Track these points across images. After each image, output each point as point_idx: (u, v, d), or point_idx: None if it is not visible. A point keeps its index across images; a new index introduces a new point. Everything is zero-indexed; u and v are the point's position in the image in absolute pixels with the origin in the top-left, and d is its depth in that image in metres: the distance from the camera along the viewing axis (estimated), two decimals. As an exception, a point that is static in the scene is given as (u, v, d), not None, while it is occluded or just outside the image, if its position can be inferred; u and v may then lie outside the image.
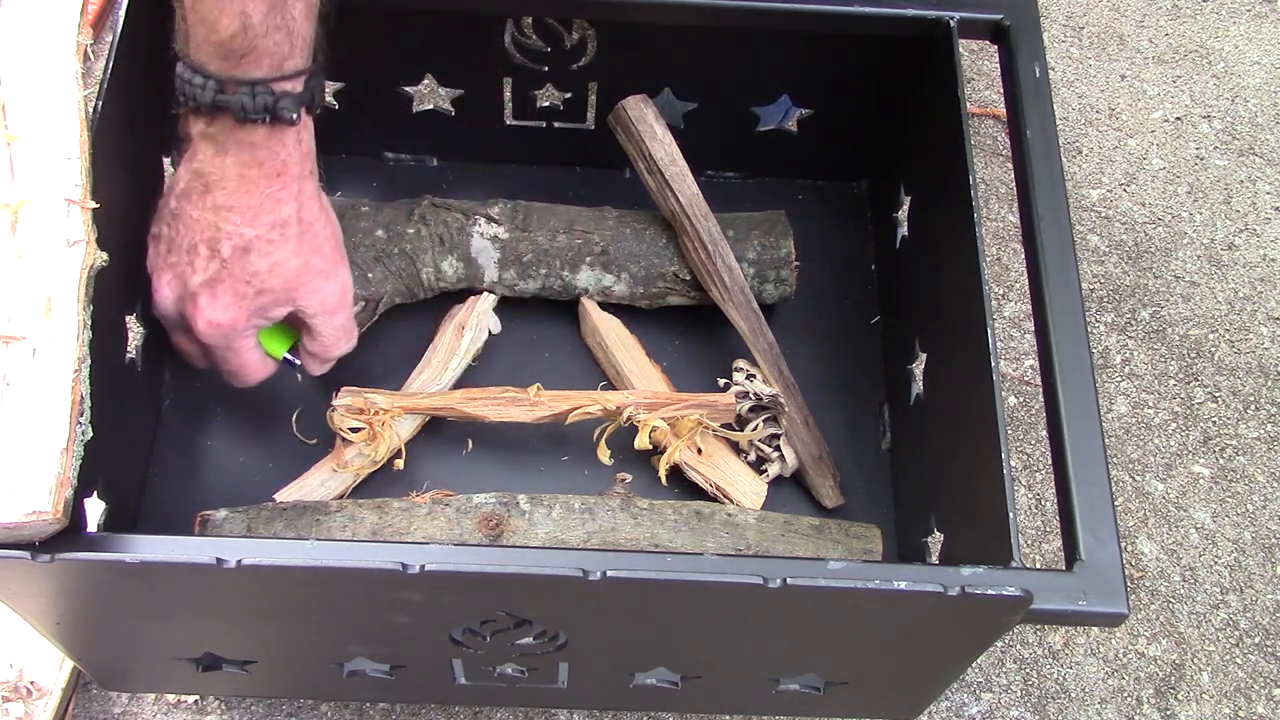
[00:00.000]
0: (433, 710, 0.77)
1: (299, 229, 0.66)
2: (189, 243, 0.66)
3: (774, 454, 0.81)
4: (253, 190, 0.64)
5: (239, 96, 0.60)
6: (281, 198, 0.65)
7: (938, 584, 0.55)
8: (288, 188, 0.65)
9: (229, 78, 0.60)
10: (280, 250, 0.66)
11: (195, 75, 0.61)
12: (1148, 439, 0.91)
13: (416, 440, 0.81)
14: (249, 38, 0.59)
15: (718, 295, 0.83)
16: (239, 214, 0.64)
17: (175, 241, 0.67)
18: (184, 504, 0.77)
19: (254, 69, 0.61)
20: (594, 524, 0.74)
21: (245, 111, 0.61)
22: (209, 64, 0.61)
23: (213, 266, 0.66)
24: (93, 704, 0.76)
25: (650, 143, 0.82)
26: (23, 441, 0.54)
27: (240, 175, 0.63)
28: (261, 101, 0.61)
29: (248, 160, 0.63)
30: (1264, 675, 0.82)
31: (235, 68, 0.60)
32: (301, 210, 0.66)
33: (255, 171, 0.63)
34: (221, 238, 0.65)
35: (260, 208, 0.64)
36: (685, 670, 0.68)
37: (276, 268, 0.66)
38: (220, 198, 0.64)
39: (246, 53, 0.60)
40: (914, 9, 0.78)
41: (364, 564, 0.54)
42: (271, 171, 0.64)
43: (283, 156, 0.64)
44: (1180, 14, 1.15)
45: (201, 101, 0.61)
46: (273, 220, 0.65)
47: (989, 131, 1.06)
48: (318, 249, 0.68)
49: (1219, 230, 1.01)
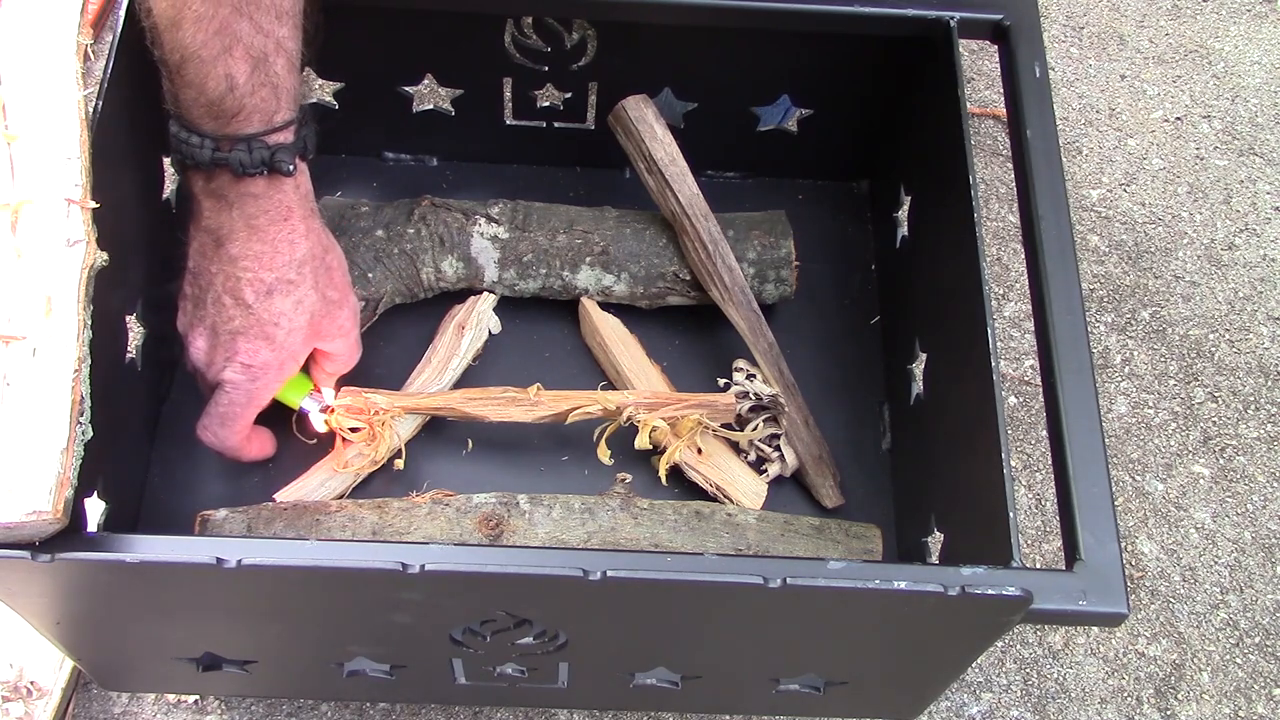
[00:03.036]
0: (433, 710, 0.77)
1: (313, 265, 0.68)
2: (213, 296, 0.68)
3: (774, 454, 0.81)
4: (263, 237, 0.66)
5: (236, 153, 0.62)
6: (293, 239, 0.67)
7: (938, 584, 0.55)
8: (296, 229, 0.67)
9: (223, 135, 0.62)
10: (300, 289, 0.68)
11: (191, 135, 0.63)
12: (1148, 439, 0.91)
13: (416, 440, 0.81)
14: (237, 98, 0.62)
15: (718, 295, 0.83)
16: (255, 260, 0.66)
17: (200, 298, 0.69)
18: (184, 504, 0.77)
19: (245, 126, 0.63)
20: (594, 524, 0.74)
21: (244, 167, 0.63)
22: (202, 123, 0.62)
23: (238, 314, 0.68)
24: (93, 704, 0.76)
25: (650, 143, 0.82)
26: (23, 441, 0.54)
27: (248, 225, 0.65)
28: (258, 156, 0.63)
29: (252, 211, 0.65)
30: (1264, 675, 0.82)
31: (227, 126, 0.62)
32: (313, 247, 0.68)
33: (262, 219, 0.65)
34: (243, 286, 0.67)
35: (275, 252, 0.66)
36: (685, 670, 0.68)
37: (300, 305, 0.68)
38: (234, 249, 0.66)
39: (236, 112, 0.62)
40: (914, 9, 0.78)
41: (364, 564, 0.54)
42: (278, 217, 0.66)
43: (286, 203, 0.66)
44: (1180, 14, 1.15)
45: (200, 160, 0.63)
46: (288, 260, 0.67)
47: (989, 131, 1.06)
48: (332, 281, 0.71)
49: (1219, 230, 1.01)
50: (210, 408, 0.72)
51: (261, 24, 0.61)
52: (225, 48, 0.60)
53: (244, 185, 0.64)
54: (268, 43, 0.61)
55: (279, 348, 0.69)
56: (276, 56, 0.62)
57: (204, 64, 0.60)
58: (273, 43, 0.62)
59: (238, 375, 0.69)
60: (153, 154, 0.79)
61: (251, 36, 0.60)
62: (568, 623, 0.61)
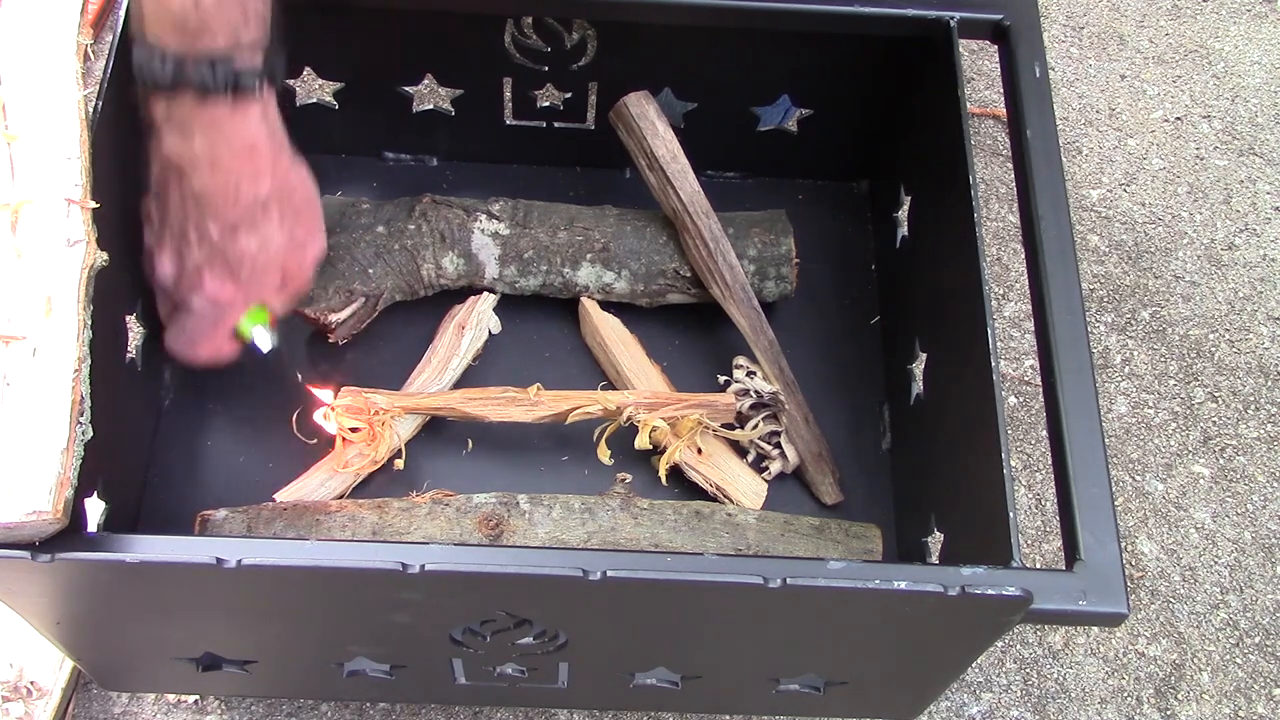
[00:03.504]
0: (433, 710, 0.77)
1: (280, 205, 0.66)
2: (179, 226, 0.66)
3: (774, 451, 0.81)
4: (227, 173, 0.63)
5: (199, 71, 0.59)
6: (257, 176, 0.64)
7: (938, 584, 0.55)
8: (260, 165, 0.64)
9: (187, 53, 0.59)
10: (265, 227, 0.66)
11: (153, 55, 0.59)
12: (1148, 439, 0.91)
13: (416, 440, 0.81)
14: (202, 11, 0.58)
15: (719, 293, 0.83)
16: (218, 197, 0.64)
17: (165, 223, 0.67)
18: (184, 504, 0.77)
19: (210, 43, 0.59)
20: (594, 524, 0.74)
21: (206, 87, 0.59)
22: (165, 40, 0.59)
23: (204, 250, 0.66)
24: (93, 704, 0.76)
25: (651, 140, 0.82)
26: (23, 441, 0.54)
27: (211, 159, 0.62)
28: (222, 76, 0.59)
29: (215, 141, 0.62)
30: (1264, 675, 0.82)
31: (193, 43, 0.59)
32: (280, 185, 0.66)
33: (225, 152, 0.62)
34: (207, 223, 0.65)
35: (239, 189, 0.64)
36: (685, 670, 0.68)
37: (266, 245, 0.67)
38: (196, 183, 0.63)
39: (201, 28, 0.59)
40: (914, 9, 0.78)
41: (364, 564, 0.54)
42: (241, 150, 0.63)
43: (250, 133, 0.63)
44: (1180, 14, 1.15)
45: (161, 80, 0.60)
46: (253, 198, 0.65)
47: (989, 131, 1.06)
48: (299, 219, 0.69)
49: (1219, 230, 1.01)
50: (177, 326, 0.71)
51: None
52: None
53: (207, 112, 0.60)
54: None
55: (242, 284, 0.68)
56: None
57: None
58: None
59: (201, 305, 0.68)
60: (153, 154, 0.79)
61: None
62: (568, 623, 0.61)
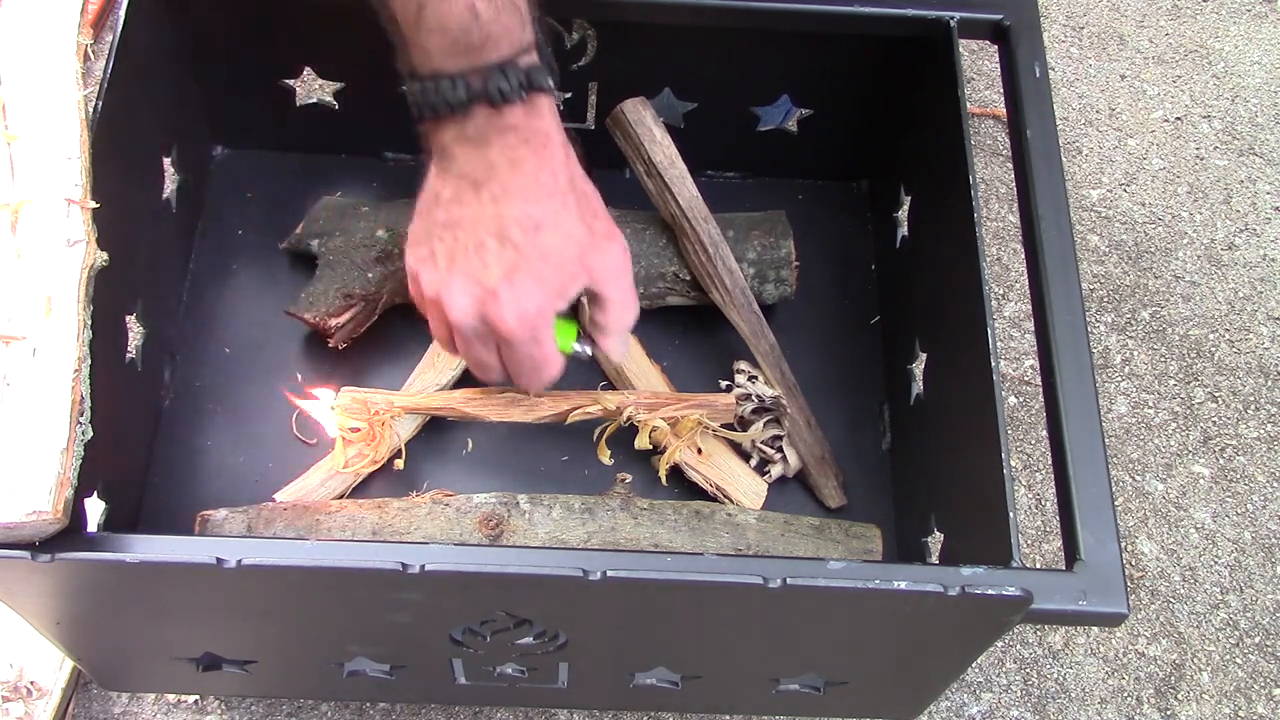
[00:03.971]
0: (433, 710, 0.77)
1: (576, 196, 0.64)
2: (474, 242, 0.63)
3: (777, 455, 0.81)
4: (525, 170, 0.62)
5: (493, 82, 0.59)
6: (554, 169, 0.63)
7: (938, 584, 0.55)
8: (556, 158, 0.63)
9: (474, 69, 0.59)
10: (566, 221, 0.64)
11: (440, 80, 0.59)
12: (1148, 439, 0.91)
13: (416, 440, 0.81)
14: (482, 25, 0.58)
15: (719, 298, 0.83)
16: (520, 196, 0.62)
17: (455, 248, 0.64)
18: (184, 504, 0.77)
19: (494, 53, 0.59)
20: (594, 524, 0.74)
21: (503, 94, 0.59)
22: (447, 65, 0.59)
23: (506, 255, 0.63)
24: (93, 704, 0.76)
25: (649, 145, 0.82)
26: (23, 441, 0.54)
27: (510, 161, 0.61)
28: (515, 80, 0.59)
29: (513, 144, 0.61)
30: (1264, 675, 0.82)
31: (477, 58, 0.59)
32: (573, 177, 0.64)
33: (524, 151, 0.61)
34: (509, 224, 0.62)
35: (539, 184, 0.62)
36: (685, 670, 0.68)
37: (568, 240, 0.64)
38: (495, 188, 0.62)
39: (484, 41, 0.58)
40: (914, 9, 0.78)
41: (364, 564, 0.54)
42: (539, 145, 0.62)
43: (544, 129, 0.62)
44: (1180, 14, 1.15)
45: (455, 101, 0.59)
46: (552, 191, 0.63)
47: (989, 131, 1.06)
48: (595, 213, 0.66)
49: (1219, 230, 1.01)
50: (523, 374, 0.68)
51: None
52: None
53: (502, 118, 0.60)
54: None
55: (548, 288, 0.64)
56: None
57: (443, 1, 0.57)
58: None
59: (513, 326, 0.64)
60: (153, 154, 0.79)
61: None
62: (568, 623, 0.61)
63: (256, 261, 0.88)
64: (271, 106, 0.88)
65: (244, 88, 0.87)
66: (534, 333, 0.65)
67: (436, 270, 0.65)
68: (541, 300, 0.64)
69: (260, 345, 0.84)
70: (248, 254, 0.88)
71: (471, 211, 0.62)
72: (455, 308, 0.64)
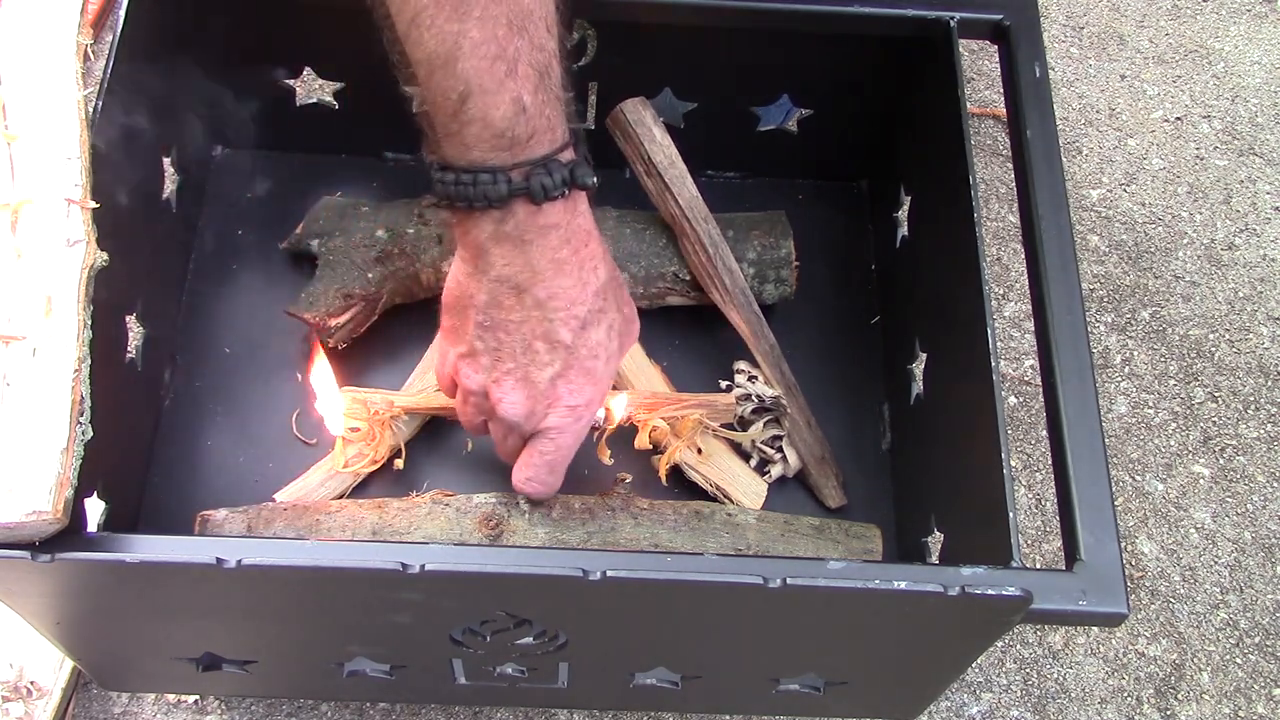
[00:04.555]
0: (433, 710, 0.77)
1: (613, 287, 0.64)
2: (521, 345, 0.62)
3: (777, 455, 0.81)
4: (570, 271, 0.60)
5: (536, 179, 0.56)
6: (596, 265, 0.62)
7: (938, 584, 0.55)
8: (596, 253, 0.62)
9: (514, 165, 0.56)
10: (609, 314, 0.64)
11: (479, 174, 0.56)
12: (1148, 439, 0.91)
13: (416, 440, 0.81)
14: (528, 120, 0.55)
15: (719, 298, 0.83)
16: (566, 299, 0.61)
17: (501, 350, 0.63)
18: (184, 504, 0.77)
19: (536, 149, 0.56)
20: (594, 524, 0.74)
21: (546, 191, 0.57)
22: (488, 159, 0.56)
23: (558, 357, 0.63)
24: (93, 704, 0.76)
25: (649, 146, 0.82)
26: (23, 441, 0.54)
27: (553, 262, 0.60)
28: (559, 176, 0.57)
29: (554, 245, 0.59)
30: (1264, 675, 0.82)
31: (520, 153, 0.56)
32: (611, 267, 0.64)
33: (566, 252, 0.60)
34: (557, 328, 0.62)
35: (583, 285, 0.61)
36: (685, 670, 0.68)
37: (611, 330, 0.64)
38: (540, 292, 0.60)
39: (529, 136, 0.56)
40: (914, 9, 0.78)
41: (364, 564, 0.54)
42: (580, 245, 0.60)
43: (585, 227, 0.60)
44: (1180, 14, 1.15)
45: (495, 197, 0.56)
46: (596, 290, 0.62)
47: (989, 131, 1.06)
48: (624, 297, 0.67)
49: (1219, 230, 1.01)
50: (533, 458, 0.68)
51: (536, 37, 0.55)
52: (509, 70, 0.54)
53: (543, 217, 0.58)
54: (545, 55, 0.56)
55: (599, 380, 0.65)
56: (554, 67, 0.56)
57: (488, 94, 0.54)
58: (548, 54, 0.56)
59: (563, 420, 0.65)
60: (153, 154, 0.79)
61: (530, 52, 0.55)
62: (568, 623, 0.61)
63: (256, 261, 0.88)
64: (271, 106, 0.88)
65: (244, 88, 0.87)
66: (583, 425, 0.66)
67: (481, 368, 0.64)
68: (593, 393, 0.65)
69: (260, 345, 0.84)
70: (248, 254, 0.88)
71: (516, 316, 0.61)
72: (507, 406, 0.64)
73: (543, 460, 0.68)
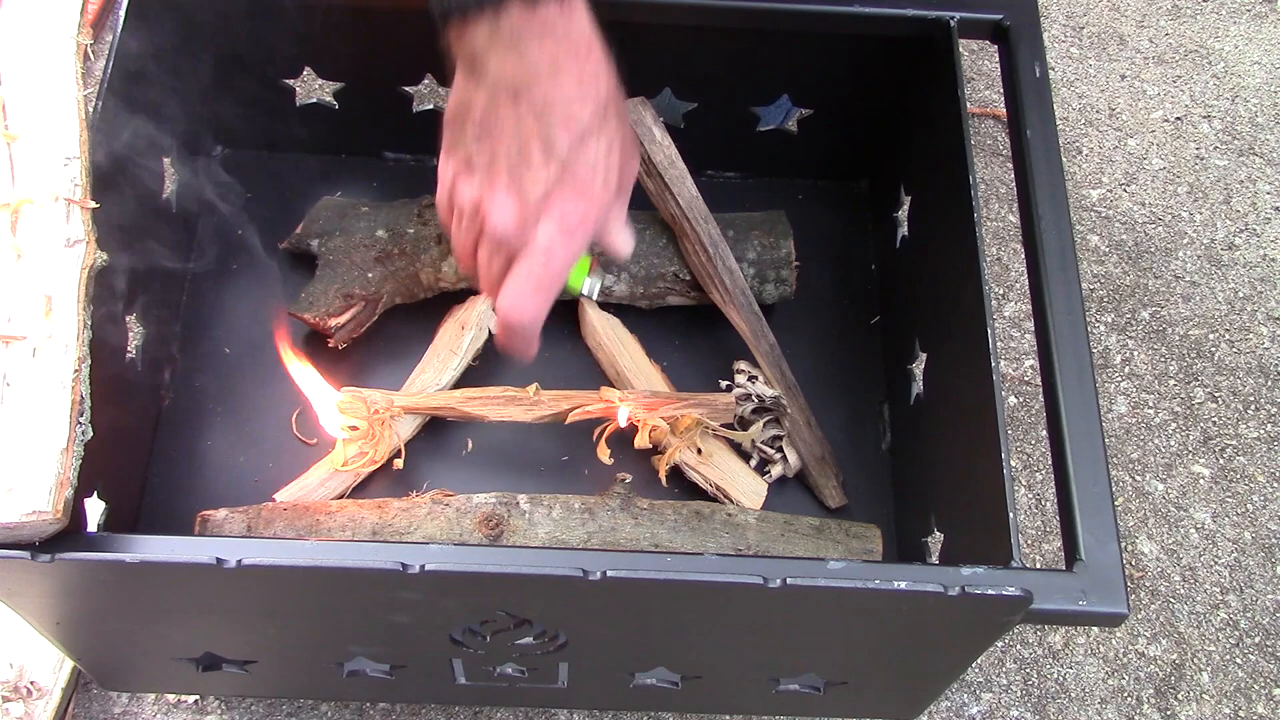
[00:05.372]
0: (433, 710, 0.77)
1: (616, 103, 0.61)
2: (516, 150, 0.59)
3: (777, 455, 0.81)
4: (569, 76, 0.58)
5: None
6: (598, 74, 0.59)
7: (938, 584, 0.55)
8: (600, 61, 0.59)
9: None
10: (609, 131, 0.61)
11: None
12: (1148, 439, 0.91)
13: (416, 440, 0.81)
14: None
15: (719, 298, 0.83)
16: (564, 107, 0.58)
17: (496, 158, 0.60)
18: (184, 504, 0.77)
19: None
20: (594, 524, 0.74)
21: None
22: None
23: (552, 169, 0.60)
24: (93, 704, 0.76)
25: (649, 146, 0.82)
26: (23, 441, 0.54)
27: (551, 66, 0.58)
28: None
29: (550, 49, 0.57)
30: (1264, 675, 0.82)
31: None
32: (613, 81, 0.61)
33: (564, 56, 0.58)
34: (555, 133, 0.59)
35: (583, 93, 0.59)
36: (685, 670, 0.68)
37: (611, 151, 0.61)
38: (537, 98, 0.58)
39: None
40: (914, 9, 0.78)
41: (364, 564, 0.54)
42: (579, 51, 0.58)
43: (583, 29, 0.58)
44: (1180, 14, 1.15)
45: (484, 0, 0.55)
46: (597, 99, 0.59)
47: (989, 131, 1.06)
48: (627, 119, 0.64)
49: (1219, 230, 1.01)
50: (518, 276, 0.62)
51: None
52: None
53: (539, 18, 0.56)
54: None
55: (595, 200, 0.61)
56: None
57: None
58: None
59: (553, 236, 0.61)
60: (153, 154, 0.79)
61: None
62: (568, 623, 0.61)
63: (256, 261, 0.88)
64: (271, 106, 0.88)
65: (244, 88, 0.87)
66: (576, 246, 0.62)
67: (474, 180, 0.62)
68: (586, 214, 0.61)
69: (260, 345, 0.84)
70: (248, 254, 0.88)
71: (512, 122, 0.59)
72: (497, 217, 0.61)
73: (529, 279, 0.62)
